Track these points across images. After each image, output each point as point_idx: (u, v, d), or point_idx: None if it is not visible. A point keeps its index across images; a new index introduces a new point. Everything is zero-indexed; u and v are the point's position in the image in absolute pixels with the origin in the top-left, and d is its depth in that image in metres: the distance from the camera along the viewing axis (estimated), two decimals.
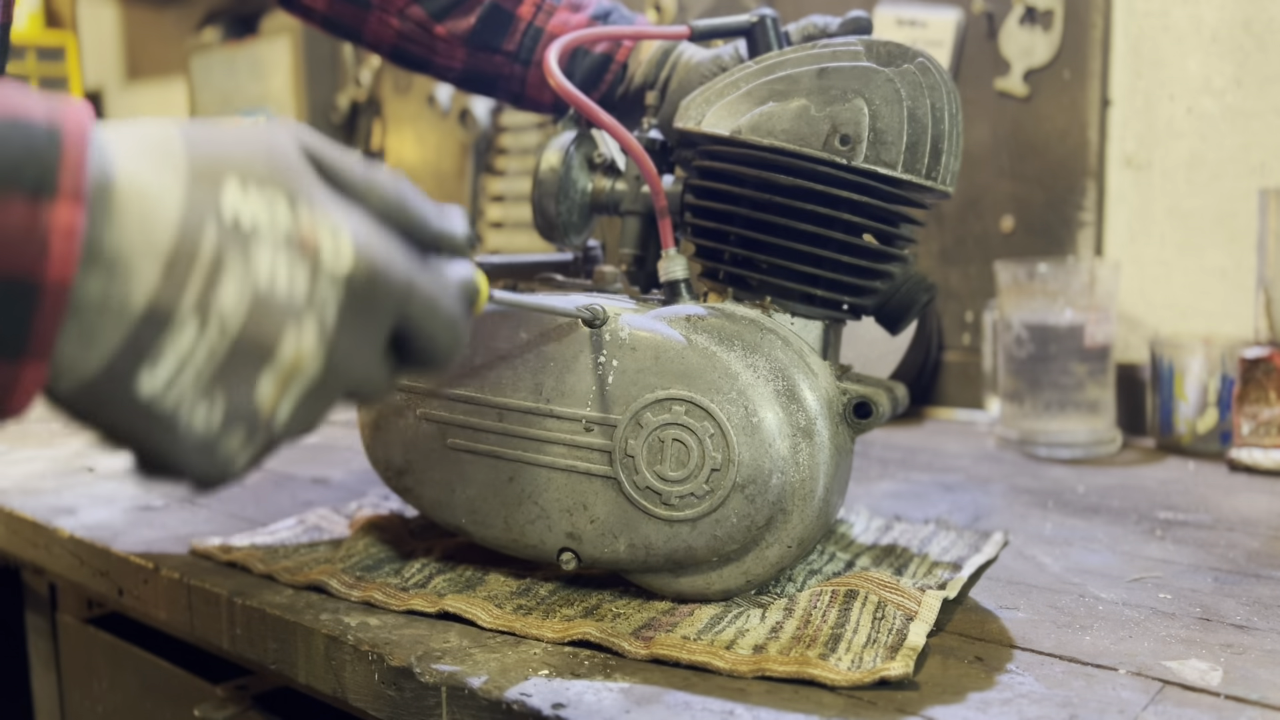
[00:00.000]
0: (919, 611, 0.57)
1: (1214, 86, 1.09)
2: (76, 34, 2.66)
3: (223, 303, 0.33)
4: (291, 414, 0.36)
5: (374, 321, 0.37)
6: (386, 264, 0.36)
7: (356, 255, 0.35)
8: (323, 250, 0.35)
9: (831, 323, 0.64)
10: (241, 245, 0.33)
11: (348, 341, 0.36)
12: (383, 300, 0.36)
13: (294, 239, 0.34)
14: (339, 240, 0.35)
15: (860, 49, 0.62)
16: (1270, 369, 0.95)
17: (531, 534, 0.61)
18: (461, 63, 0.79)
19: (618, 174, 0.72)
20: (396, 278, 0.37)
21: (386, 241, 0.37)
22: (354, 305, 0.36)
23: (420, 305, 0.38)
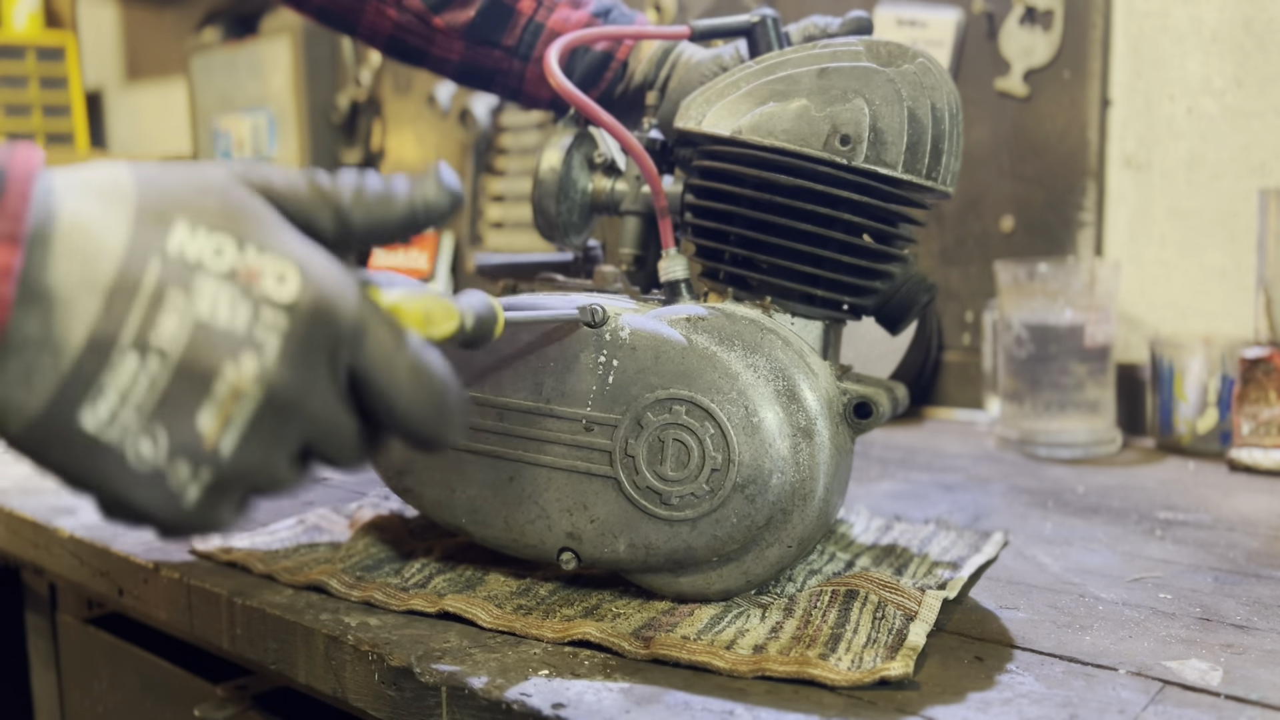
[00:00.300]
0: (919, 611, 0.57)
1: (1214, 86, 1.09)
2: (76, 34, 2.66)
3: (162, 334, 0.33)
4: (238, 446, 0.35)
5: (322, 356, 0.36)
6: (337, 296, 0.36)
7: (302, 286, 0.35)
8: (265, 281, 0.35)
9: (832, 323, 0.64)
10: (184, 279, 0.34)
11: (293, 374, 0.35)
12: (329, 332, 0.36)
13: (238, 273, 0.34)
14: (286, 271, 0.35)
15: (861, 49, 0.62)
16: (1270, 369, 0.95)
17: (531, 534, 0.61)
18: (459, 56, 0.79)
19: (618, 174, 0.72)
20: (346, 310, 0.36)
21: (342, 275, 0.37)
22: (298, 337, 0.35)
23: (377, 351, 0.37)
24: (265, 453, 0.36)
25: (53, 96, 2.55)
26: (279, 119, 1.92)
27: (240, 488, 0.37)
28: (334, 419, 0.37)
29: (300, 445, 0.37)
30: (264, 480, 0.37)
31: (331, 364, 0.36)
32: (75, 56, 2.57)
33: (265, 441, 0.35)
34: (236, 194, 0.36)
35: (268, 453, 0.36)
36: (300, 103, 1.88)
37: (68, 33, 2.64)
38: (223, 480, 0.36)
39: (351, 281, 0.37)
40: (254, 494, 0.38)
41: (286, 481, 0.38)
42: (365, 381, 0.37)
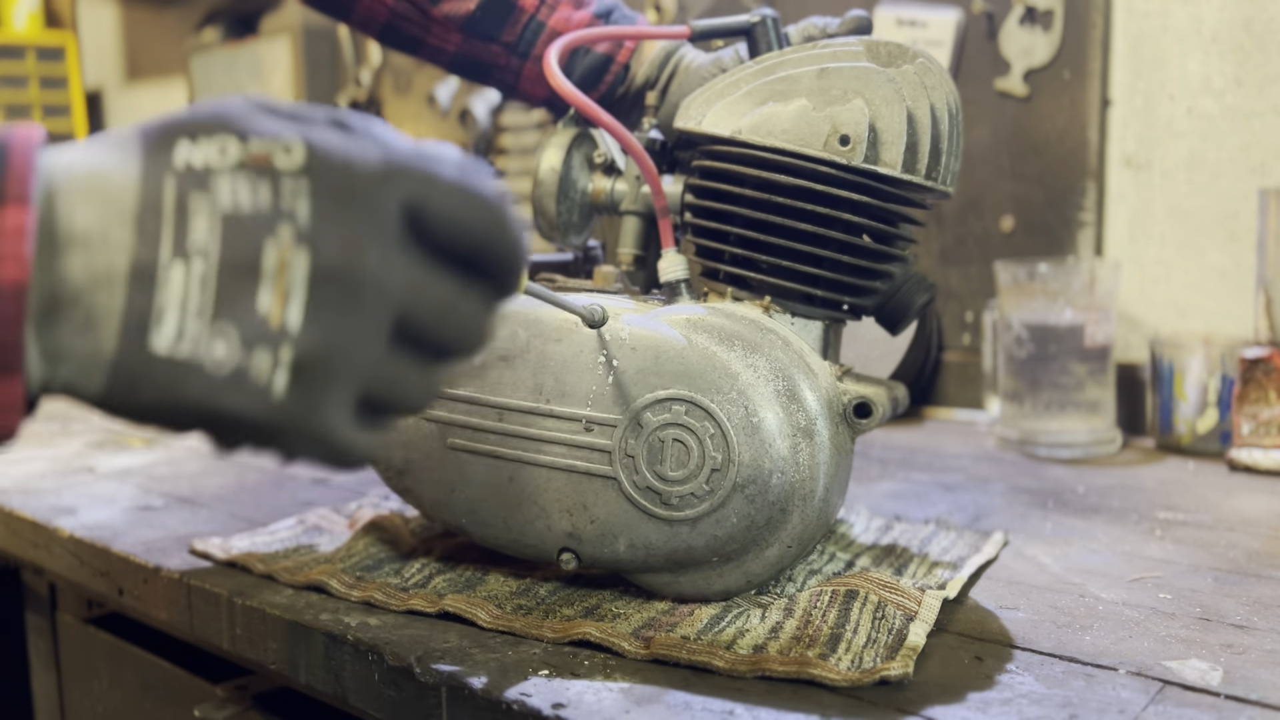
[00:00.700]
0: (919, 611, 0.57)
1: (1214, 86, 1.09)
2: (76, 34, 2.66)
3: (197, 238, 0.34)
4: (305, 315, 0.34)
5: (358, 202, 0.35)
6: (351, 148, 0.35)
7: (309, 149, 0.35)
8: (275, 160, 0.35)
9: (832, 323, 0.64)
10: (200, 184, 0.34)
11: (334, 230, 0.34)
12: (355, 178, 0.35)
13: (248, 161, 0.35)
14: (291, 144, 0.35)
15: (860, 49, 0.62)
16: (1270, 369, 0.95)
17: (531, 534, 0.61)
18: (455, 48, 0.78)
19: (618, 174, 0.72)
20: (369, 158, 0.35)
21: (353, 138, 0.36)
22: (325, 193, 0.35)
23: (416, 180, 0.36)
24: (344, 323, 0.35)
25: (53, 96, 2.55)
26: None
27: (338, 375, 0.35)
28: (405, 274, 0.35)
29: (389, 315, 0.35)
30: (362, 363, 0.35)
31: (373, 208, 0.35)
32: (75, 56, 2.57)
33: (338, 308, 0.34)
34: (230, 103, 0.37)
35: (347, 323, 0.35)
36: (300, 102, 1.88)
37: (68, 33, 2.64)
38: (308, 360, 0.34)
39: (368, 140, 0.36)
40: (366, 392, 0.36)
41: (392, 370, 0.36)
42: (420, 213, 0.36)
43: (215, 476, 0.96)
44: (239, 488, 0.92)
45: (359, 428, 0.36)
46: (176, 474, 0.98)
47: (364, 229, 0.35)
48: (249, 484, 0.93)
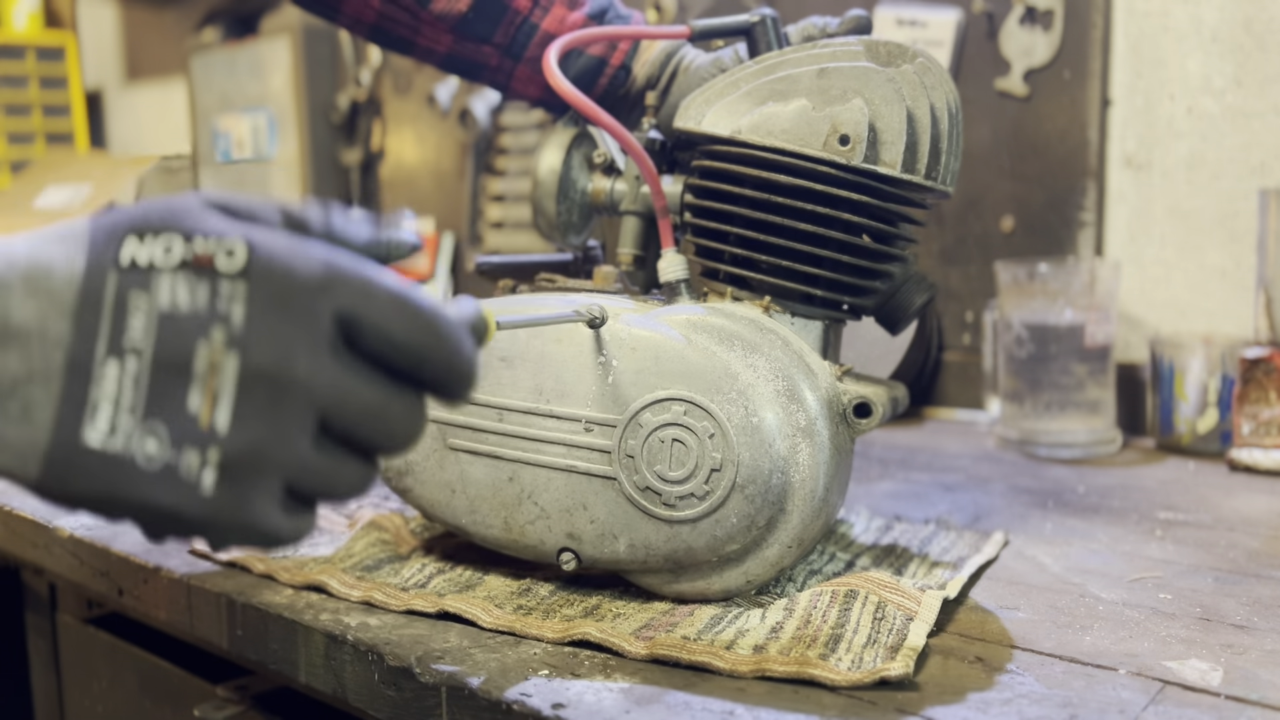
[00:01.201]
0: (919, 611, 0.57)
1: (1214, 86, 1.09)
2: (76, 34, 2.66)
3: (133, 335, 0.35)
4: (233, 417, 0.35)
5: (292, 310, 0.35)
6: (294, 254, 0.36)
7: (251, 253, 0.36)
8: (217, 261, 0.36)
9: (831, 323, 0.64)
10: (141, 282, 0.35)
11: (265, 334, 0.35)
12: (292, 286, 0.36)
13: (190, 262, 0.36)
14: (233, 247, 0.36)
15: (860, 49, 0.62)
16: (1270, 369, 0.95)
17: (531, 534, 0.61)
18: (446, 48, 0.76)
19: (617, 174, 0.72)
20: (310, 265, 0.36)
21: (298, 242, 0.37)
22: (260, 298, 0.35)
23: (353, 289, 0.36)
24: (270, 425, 0.35)
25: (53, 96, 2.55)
26: (279, 119, 1.92)
27: (264, 472, 0.36)
28: (333, 379, 0.36)
29: (315, 417, 0.36)
30: (288, 461, 0.36)
31: (306, 316, 0.36)
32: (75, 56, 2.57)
33: (264, 411, 0.35)
34: (183, 201, 0.37)
35: (273, 425, 0.35)
36: (300, 103, 1.87)
37: (68, 33, 2.64)
38: (234, 460, 0.35)
39: (313, 245, 0.37)
40: (293, 484, 0.37)
41: (318, 466, 0.37)
42: (354, 324, 0.36)
43: None
44: None
45: (288, 516, 0.37)
46: None
47: (296, 335, 0.36)
48: None
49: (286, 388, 0.35)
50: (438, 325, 0.38)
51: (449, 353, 0.38)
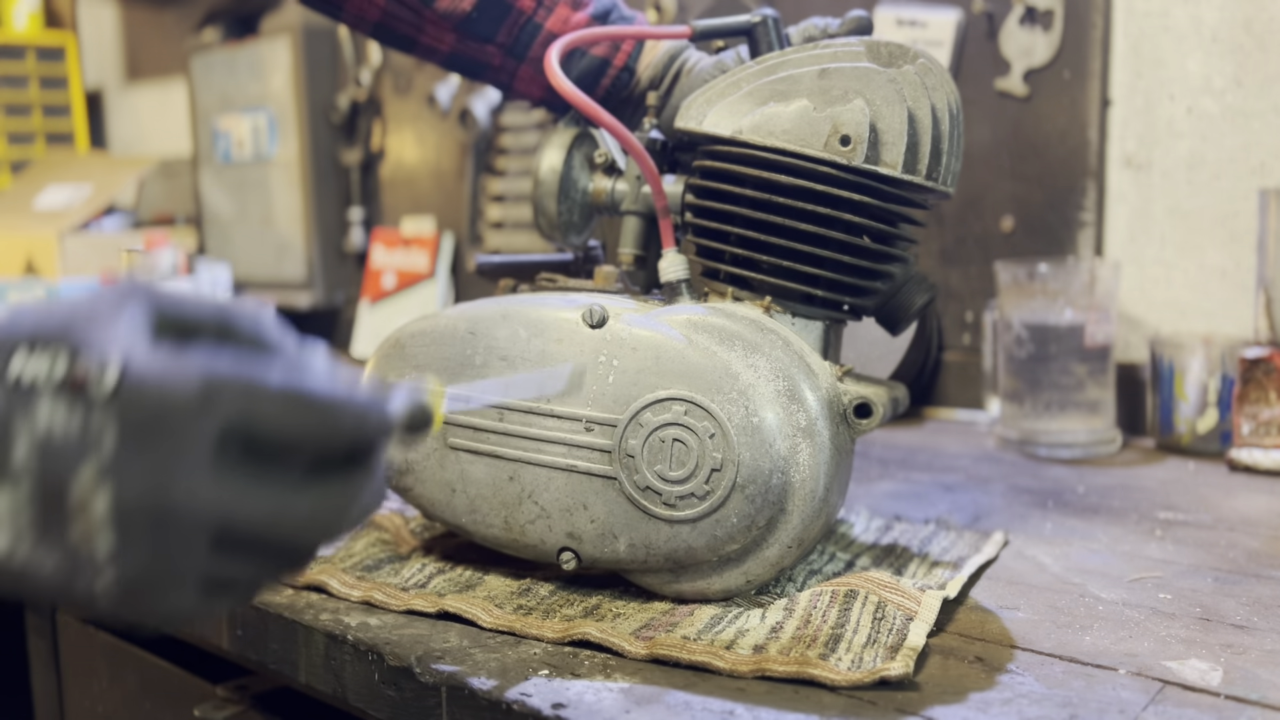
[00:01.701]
0: (919, 611, 0.57)
1: (1214, 86, 1.09)
2: (76, 34, 2.66)
3: (17, 460, 0.34)
4: (114, 550, 0.34)
5: (169, 433, 0.34)
6: (169, 372, 0.35)
7: (122, 376, 0.34)
8: (90, 385, 0.34)
9: (832, 323, 0.64)
10: (25, 403, 0.34)
11: (138, 464, 0.34)
12: (173, 409, 0.34)
13: (68, 383, 0.34)
14: (106, 368, 0.34)
15: (861, 50, 0.62)
16: (1270, 369, 0.95)
17: (532, 533, 0.61)
18: (449, 47, 0.76)
19: (618, 174, 0.72)
20: (187, 383, 0.34)
21: (179, 356, 0.35)
22: (134, 425, 0.34)
23: (237, 397, 0.35)
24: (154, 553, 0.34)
25: (53, 96, 2.55)
26: (279, 119, 1.91)
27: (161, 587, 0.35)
28: (215, 498, 0.35)
29: (205, 535, 0.35)
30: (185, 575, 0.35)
31: (181, 438, 0.34)
32: (75, 56, 2.57)
33: (146, 540, 0.34)
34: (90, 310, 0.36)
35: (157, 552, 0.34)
36: (300, 103, 1.87)
37: (68, 33, 2.64)
38: (127, 581, 0.34)
39: (195, 356, 0.36)
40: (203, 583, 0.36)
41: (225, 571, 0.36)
42: (244, 431, 0.35)
43: None
44: None
45: (210, 598, 0.36)
46: None
47: (169, 460, 0.34)
48: None
49: (165, 517, 0.34)
50: (335, 414, 0.36)
51: (350, 440, 0.37)
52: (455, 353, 0.63)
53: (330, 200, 1.92)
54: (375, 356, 0.67)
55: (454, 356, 0.63)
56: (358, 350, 1.85)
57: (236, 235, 2.04)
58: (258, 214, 1.99)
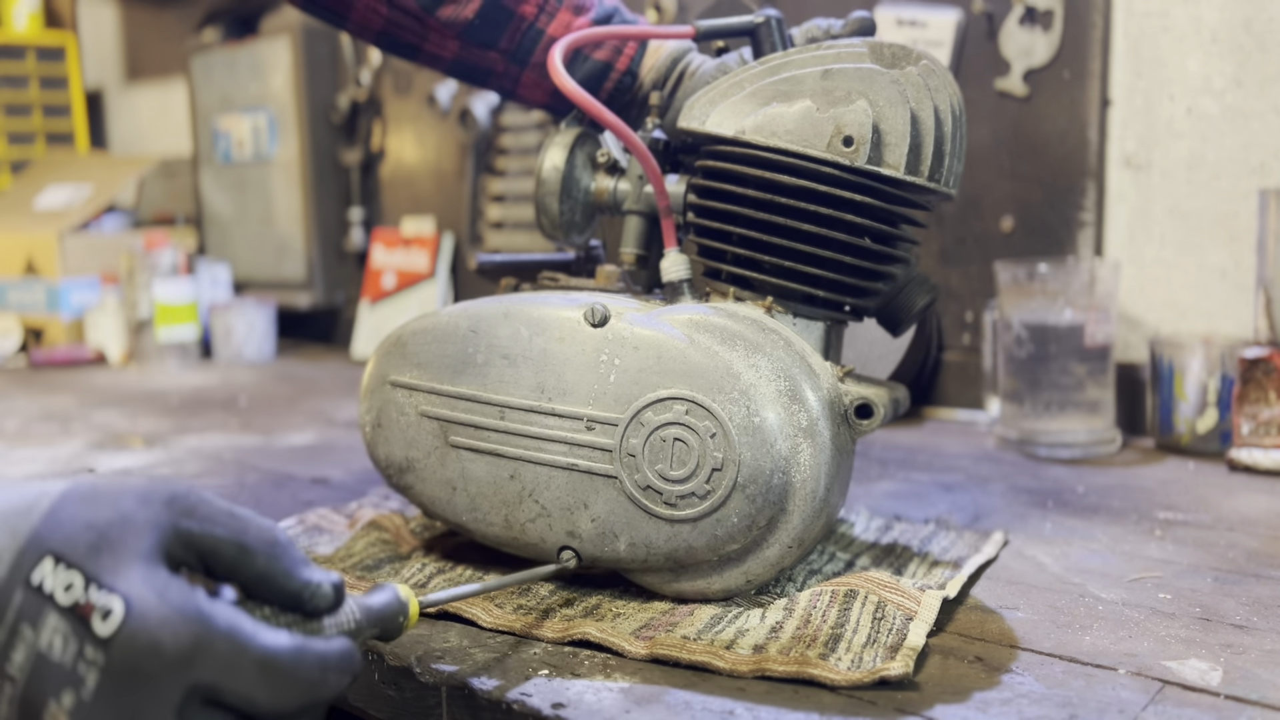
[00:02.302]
0: (919, 611, 0.57)
1: (1214, 86, 1.09)
2: (76, 34, 2.66)
3: (13, 666, 0.36)
4: None
5: (145, 686, 0.37)
6: (165, 624, 0.37)
7: (122, 622, 0.36)
8: (93, 621, 0.36)
9: (833, 323, 0.64)
10: (35, 613, 0.37)
11: (115, 706, 0.36)
12: (157, 663, 0.36)
13: (78, 608, 0.37)
14: (112, 607, 0.37)
15: (864, 51, 0.62)
16: (1270, 369, 0.95)
17: (532, 532, 0.61)
18: (453, 55, 0.76)
19: (620, 173, 0.72)
20: (178, 639, 0.37)
21: (181, 607, 0.37)
22: (114, 672, 0.36)
23: (218, 661, 0.37)
24: None
25: (53, 96, 2.55)
26: (279, 119, 1.92)
27: None
28: None
29: None
30: None
31: (155, 691, 0.37)
32: (75, 56, 2.57)
33: None
34: (120, 534, 0.38)
35: None
36: (300, 103, 1.87)
37: (68, 33, 2.64)
38: None
39: (191, 609, 0.37)
40: None
41: None
42: (214, 691, 0.38)
43: (215, 477, 0.96)
44: (239, 488, 0.92)
45: None
46: (177, 474, 0.98)
47: (141, 707, 0.36)
48: (249, 484, 0.93)
49: None
50: (299, 684, 0.39)
51: (304, 704, 0.40)
52: (456, 351, 0.63)
53: (330, 200, 1.92)
54: (376, 355, 0.67)
55: (455, 354, 0.63)
56: (358, 350, 1.85)
57: (236, 235, 2.04)
58: (258, 214, 1.99)
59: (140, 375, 1.68)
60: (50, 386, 1.55)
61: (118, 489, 0.40)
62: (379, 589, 0.47)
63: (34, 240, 1.92)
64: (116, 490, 0.40)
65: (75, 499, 0.39)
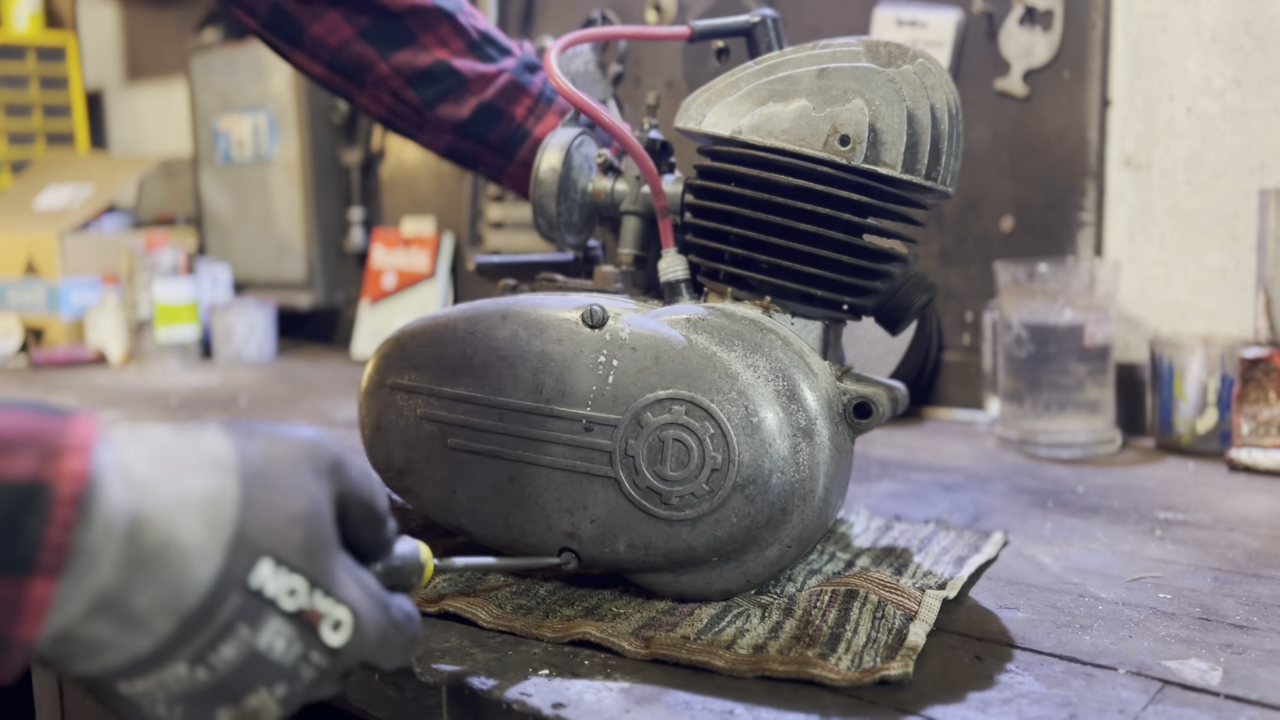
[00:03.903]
0: (919, 611, 0.57)
1: (1214, 86, 1.09)
2: (77, 34, 2.66)
3: (219, 658, 0.37)
4: None
5: (338, 675, 0.41)
6: (385, 643, 0.42)
7: (353, 635, 0.40)
8: (322, 629, 0.39)
9: (832, 323, 0.64)
10: (255, 615, 0.37)
11: (311, 694, 0.40)
12: (351, 660, 0.41)
13: (304, 613, 0.38)
14: (343, 618, 0.39)
15: (861, 50, 0.62)
16: (1270, 369, 0.95)
17: (531, 534, 0.61)
18: (446, 144, 0.83)
19: (617, 174, 0.72)
20: (392, 659, 0.43)
21: (376, 609, 0.41)
22: (331, 673, 0.40)
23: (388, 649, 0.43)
24: None
25: (53, 96, 2.55)
26: (279, 119, 1.92)
27: None
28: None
29: None
30: None
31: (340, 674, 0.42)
32: (75, 56, 2.57)
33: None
34: (321, 526, 0.39)
35: None
36: (300, 103, 1.87)
37: (68, 33, 2.64)
38: None
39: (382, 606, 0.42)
40: None
41: None
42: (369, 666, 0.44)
43: None
44: None
45: None
46: None
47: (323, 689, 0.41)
48: None
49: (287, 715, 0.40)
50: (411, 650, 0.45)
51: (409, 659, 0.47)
52: (455, 352, 0.63)
53: (330, 200, 1.92)
54: (375, 356, 0.67)
55: (453, 356, 0.63)
56: (358, 350, 1.85)
57: (236, 235, 2.04)
58: (258, 214, 1.99)
59: (140, 375, 1.68)
60: (50, 386, 1.55)
61: (289, 457, 0.40)
62: (402, 540, 0.47)
63: (34, 240, 1.92)
64: (289, 460, 0.40)
65: (258, 480, 0.38)
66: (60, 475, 0.33)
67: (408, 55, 0.79)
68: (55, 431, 0.34)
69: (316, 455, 0.41)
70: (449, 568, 0.53)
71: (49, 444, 0.33)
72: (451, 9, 0.80)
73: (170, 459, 0.36)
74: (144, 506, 0.35)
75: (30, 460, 0.33)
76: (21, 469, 0.33)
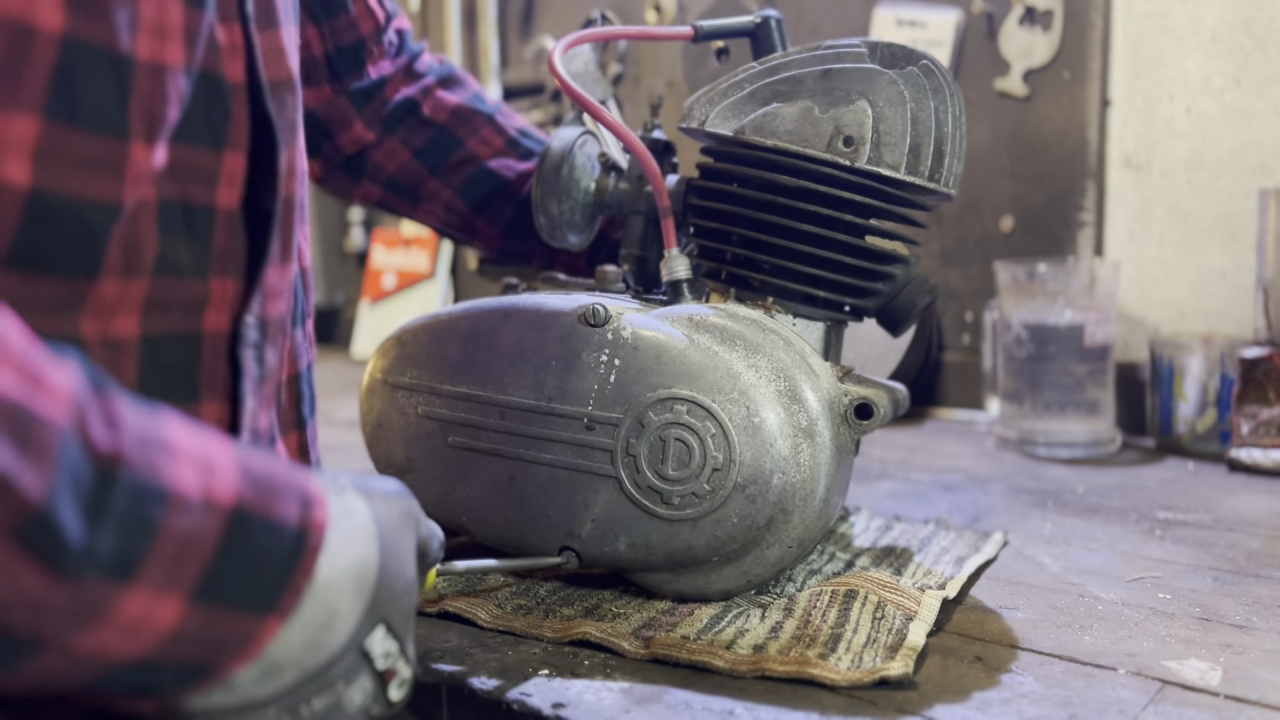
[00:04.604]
0: (919, 611, 0.57)
1: (1214, 86, 1.09)
2: None
3: (311, 708, 0.38)
4: None
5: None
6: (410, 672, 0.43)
7: (407, 693, 0.42)
8: (393, 683, 0.41)
9: (833, 324, 0.64)
10: (354, 673, 0.39)
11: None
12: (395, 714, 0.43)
13: (387, 672, 0.40)
14: (405, 677, 0.41)
15: (864, 51, 0.62)
16: (1270, 369, 0.95)
17: (532, 532, 0.61)
18: (499, 247, 0.84)
19: (620, 174, 0.72)
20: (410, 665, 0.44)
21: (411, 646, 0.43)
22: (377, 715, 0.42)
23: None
24: None
25: None
26: None
27: None
28: None
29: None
30: None
31: None
32: None
33: None
34: (415, 591, 0.42)
35: None
36: None
37: None
38: None
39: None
40: None
41: None
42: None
43: None
44: None
45: None
46: None
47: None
48: None
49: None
50: None
51: None
52: (456, 351, 0.63)
53: (330, 200, 1.92)
54: (376, 355, 0.67)
55: (455, 355, 0.63)
56: (358, 350, 1.85)
57: None
58: None
59: None
60: None
61: (399, 522, 0.42)
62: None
63: None
64: (400, 524, 0.42)
65: (387, 549, 0.40)
66: (311, 525, 0.36)
67: (454, 161, 0.81)
68: (303, 481, 0.36)
69: (410, 516, 0.44)
70: (450, 571, 0.54)
71: (303, 493, 0.36)
72: (490, 110, 0.82)
73: (343, 525, 0.38)
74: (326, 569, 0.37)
75: (295, 507, 0.35)
76: (290, 514, 0.35)
